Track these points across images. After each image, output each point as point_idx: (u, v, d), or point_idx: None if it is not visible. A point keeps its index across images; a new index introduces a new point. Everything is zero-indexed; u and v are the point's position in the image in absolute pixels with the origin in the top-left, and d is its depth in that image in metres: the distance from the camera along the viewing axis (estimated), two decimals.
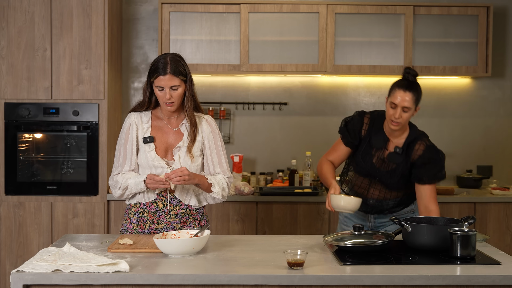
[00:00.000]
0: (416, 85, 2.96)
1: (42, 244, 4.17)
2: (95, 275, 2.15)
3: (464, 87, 4.85)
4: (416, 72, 2.97)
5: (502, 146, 4.87)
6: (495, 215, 4.30)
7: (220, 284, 2.17)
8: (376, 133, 3.02)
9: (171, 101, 2.72)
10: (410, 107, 2.90)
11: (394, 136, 3.02)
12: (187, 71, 2.75)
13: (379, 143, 3.01)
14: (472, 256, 2.39)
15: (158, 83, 2.70)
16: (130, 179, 2.73)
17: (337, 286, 2.18)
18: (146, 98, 2.80)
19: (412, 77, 2.95)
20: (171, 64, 2.69)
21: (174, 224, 2.79)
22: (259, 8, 4.46)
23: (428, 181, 2.95)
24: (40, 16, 4.16)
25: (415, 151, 2.98)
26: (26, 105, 4.19)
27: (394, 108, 2.91)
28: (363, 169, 3.05)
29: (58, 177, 4.25)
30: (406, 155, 2.99)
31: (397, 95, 2.90)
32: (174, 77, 2.69)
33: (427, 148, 2.99)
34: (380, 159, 3.02)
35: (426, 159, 2.96)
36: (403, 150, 2.98)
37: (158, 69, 2.69)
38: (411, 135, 3.02)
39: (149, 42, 4.76)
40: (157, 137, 2.80)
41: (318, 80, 4.78)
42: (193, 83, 2.79)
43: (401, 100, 2.89)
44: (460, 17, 4.54)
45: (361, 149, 3.05)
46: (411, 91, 2.91)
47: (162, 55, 2.75)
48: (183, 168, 2.64)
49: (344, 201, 2.85)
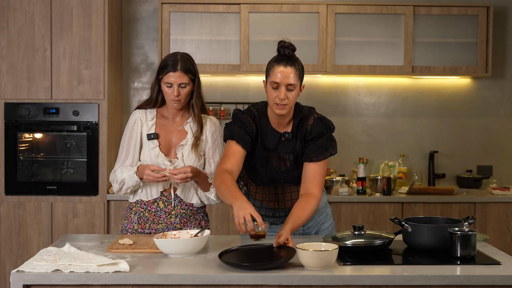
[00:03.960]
0: (296, 59, 2.59)
1: (42, 244, 4.17)
2: (95, 275, 2.15)
3: (464, 87, 4.85)
4: (294, 46, 2.61)
5: (502, 146, 4.88)
6: (495, 215, 4.30)
7: (220, 284, 2.16)
8: (265, 132, 2.65)
9: (178, 98, 2.73)
10: (295, 83, 2.54)
11: (284, 126, 2.65)
12: (196, 71, 2.78)
13: (273, 142, 2.65)
14: (472, 256, 2.39)
15: (167, 79, 2.71)
16: (125, 173, 2.74)
17: (337, 286, 2.18)
18: (154, 96, 2.82)
19: (290, 51, 2.59)
20: (181, 61, 2.72)
21: (175, 224, 2.79)
22: (259, 8, 4.46)
23: (316, 157, 2.60)
24: (40, 16, 4.16)
25: (308, 126, 2.63)
26: (26, 105, 4.20)
27: (277, 89, 2.53)
28: (266, 177, 2.69)
29: (58, 177, 4.25)
30: (298, 136, 2.64)
31: (277, 72, 2.53)
32: (183, 74, 2.71)
33: (316, 120, 2.65)
34: (274, 158, 2.67)
35: (315, 134, 2.62)
36: (292, 133, 2.64)
37: (168, 66, 2.71)
38: (298, 115, 2.66)
39: (149, 42, 4.76)
40: (161, 135, 2.81)
41: (318, 80, 4.78)
42: (200, 84, 2.81)
43: (283, 77, 2.52)
44: (460, 17, 4.54)
45: (258, 157, 2.67)
46: (292, 65, 2.55)
47: (172, 53, 2.77)
48: (187, 169, 2.65)
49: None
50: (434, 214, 4.25)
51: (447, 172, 4.84)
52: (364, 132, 4.84)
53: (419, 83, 4.83)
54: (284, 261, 2.23)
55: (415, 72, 4.54)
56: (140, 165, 2.73)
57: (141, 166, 2.71)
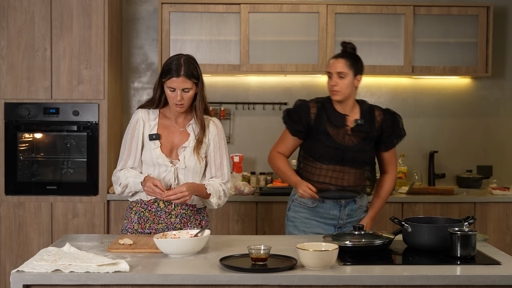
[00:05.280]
0: (351, 54, 3.05)
1: (42, 244, 4.17)
2: (95, 275, 2.15)
3: (464, 87, 4.85)
4: (354, 46, 3.09)
5: (502, 146, 4.88)
6: (495, 215, 4.30)
7: (220, 284, 2.16)
8: (332, 114, 3.04)
9: (181, 102, 2.72)
10: (345, 71, 2.99)
11: (347, 112, 3.06)
12: (199, 74, 2.76)
13: (338, 121, 3.03)
14: (472, 256, 2.39)
15: (170, 84, 2.70)
16: (130, 178, 2.73)
17: (337, 286, 2.18)
18: (156, 97, 2.80)
19: (349, 49, 3.07)
20: (185, 66, 2.69)
21: (175, 224, 2.79)
22: (259, 8, 4.46)
23: (396, 141, 3.12)
24: (40, 16, 4.16)
25: (377, 117, 3.08)
26: (26, 105, 4.20)
27: (331, 78, 3.01)
28: (328, 153, 3.01)
29: (58, 177, 4.25)
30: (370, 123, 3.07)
31: (330, 63, 3.04)
32: (187, 79, 2.69)
33: (385, 111, 3.11)
34: (344, 135, 3.03)
35: (391, 121, 3.09)
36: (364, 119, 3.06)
37: (171, 71, 2.69)
38: (364, 106, 3.11)
39: (149, 42, 4.77)
40: (163, 136, 2.81)
41: (318, 80, 4.78)
42: (204, 85, 2.79)
43: (333, 66, 3.01)
44: (460, 17, 4.54)
45: (317, 137, 3.04)
46: (343, 57, 3.02)
47: (175, 56, 2.74)
48: (182, 188, 2.64)
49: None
50: (434, 214, 4.25)
51: (447, 172, 4.84)
52: None
53: (419, 83, 4.83)
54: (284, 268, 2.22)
55: (415, 72, 4.54)
56: (147, 176, 2.72)
57: (148, 177, 2.70)
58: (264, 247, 2.27)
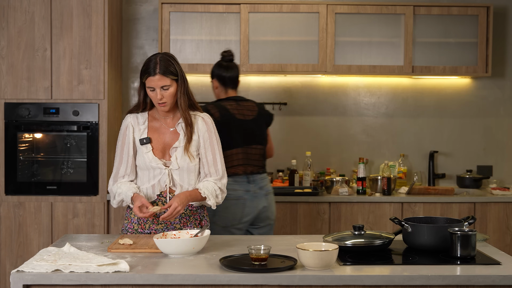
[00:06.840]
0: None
1: (42, 244, 4.17)
2: (95, 275, 2.15)
3: (464, 87, 4.85)
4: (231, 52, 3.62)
5: (502, 146, 4.88)
6: (495, 215, 4.30)
7: (220, 284, 2.16)
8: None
9: (163, 101, 2.72)
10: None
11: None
12: (178, 70, 2.73)
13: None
14: (472, 256, 2.39)
15: (149, 83, 2.70)
16: (122, 194, 2.74)
17: (337, 286, 2.18)
18: (141, 99, 2.80)
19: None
20: (160, 64, 2.69)
21: (174, 224, 2.79)
22: (259, 8, 4.46)
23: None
24: (40, 16, 4.16)
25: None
26: (26, 105, 4.19)
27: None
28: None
29: (58, 177, 4.25)
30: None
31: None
32: (164, 77, 2.68)
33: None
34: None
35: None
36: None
37: (148, 69, 2.69)
38: None
39: (149, 42, 4.76)
40: (154, 138, 2.80)
41: (318, 80, 4.78)
42: (186, 81, 2.76)
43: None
44: (460, 17, 4.54)
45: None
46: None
47: (153, 55, 2.75)
48: (175, 205, 2.62)
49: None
50: (434, 214, 4.25)
51: (447, 172, 4.84)
52: (364, 132, 4.84)
53: (419, 83, 4.83)
54: (284, 268, 2.22)
55: (415, 72, 4.54)
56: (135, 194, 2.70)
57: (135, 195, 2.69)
58: (264, 247, 2.27)
